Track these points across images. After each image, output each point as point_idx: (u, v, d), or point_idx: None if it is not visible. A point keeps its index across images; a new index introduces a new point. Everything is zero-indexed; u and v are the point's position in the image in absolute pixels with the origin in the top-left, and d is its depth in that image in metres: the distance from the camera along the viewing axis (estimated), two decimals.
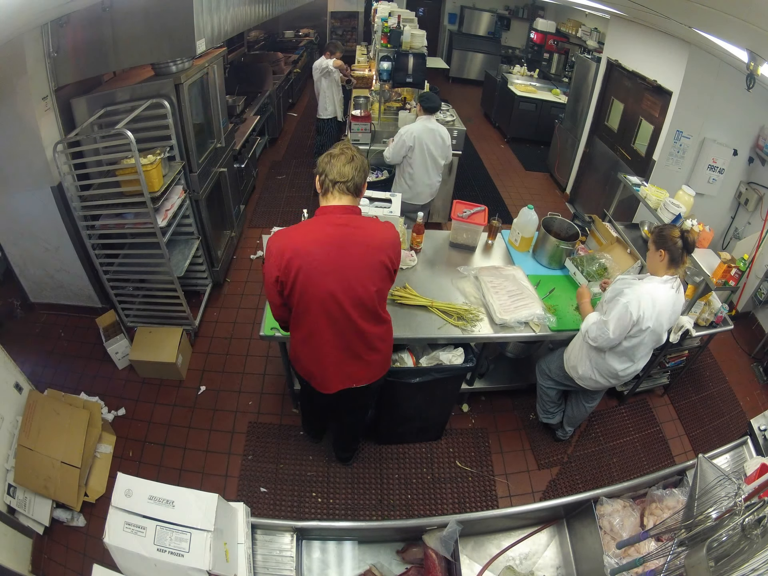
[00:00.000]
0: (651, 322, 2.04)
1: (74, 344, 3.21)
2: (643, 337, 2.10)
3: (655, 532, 1.41)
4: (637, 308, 2.00)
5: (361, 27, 10.13)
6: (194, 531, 1.18)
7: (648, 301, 2.02)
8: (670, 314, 2.09)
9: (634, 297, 2.02)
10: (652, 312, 2.02)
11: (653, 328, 2.07)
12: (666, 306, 2.05)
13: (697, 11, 2.28)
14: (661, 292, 2.03)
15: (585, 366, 2.31)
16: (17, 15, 1.72)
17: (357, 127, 4.12)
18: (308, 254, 1.62)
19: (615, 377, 2.29)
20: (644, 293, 2.03)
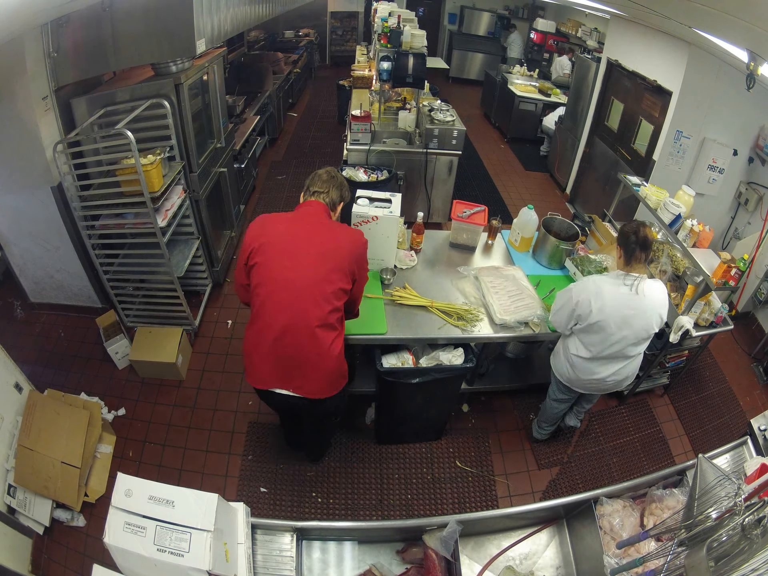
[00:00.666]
0: (592, 312, 2.01)
1: (74, 344, 3.21)
2: (588, 326, 2.07)
3: (655, 532, 1.41)
4: (578, 293, 2.06)
5: (361, 27, 10.14)
6: (194, 531, 1.18)
7: (591, 290, 2.03)
8: (622, 314, 2.00)
9: (579, 284, 2.14)
10: (590, 300, 2.01)
11: (597, 321, 2.02)
12: (613, 302, 1.99)
13: (697, 11, 2.28)
14: (607, 285, 2.03)
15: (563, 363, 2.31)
16: (17, 15, 1.72)
17: (357, 127, 4.12)
18: (275, 233, 1.81)
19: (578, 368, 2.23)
20: (589, 282, 2.09)
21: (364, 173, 3.98)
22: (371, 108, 4.69)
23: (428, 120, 4.24)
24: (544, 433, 2.76)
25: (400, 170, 4.22)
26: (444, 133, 4.15)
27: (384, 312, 2.43)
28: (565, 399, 2.51)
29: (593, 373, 2.20)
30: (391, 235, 2.54)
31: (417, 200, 4.54)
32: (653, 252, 2.89)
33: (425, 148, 4.21)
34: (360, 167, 4.01)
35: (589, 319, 2.04)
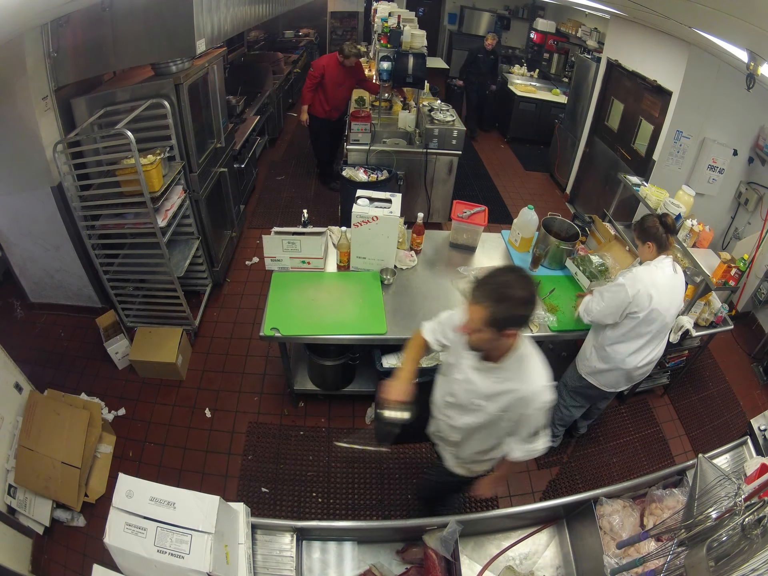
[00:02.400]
0: (651, 303, 2.04)
1: (74, 344, 3.21)
2: (645, 317, 2.08)
3: (655, 532, 1.41)
4: (633, 286, 2.06)
5: (361, 27, 10.12)
6: (195, 533, 1.18)
7: (646, 282, 2.05)
8: (670, 296, 2.09)
9: (630, 277, 2.11)
10: (650, 292, 2.03)
11: (655, 308, 2.06)
12: (665, 286, 2.06)
13: (697, 11, 2.28)
14: (658, 273, 2.08)
15: (594, 356, 2.30)
16: (17, 15, 1.72)
17: (357, 127, 4.12)
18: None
19: (630, 365, 2.22)
20: (642, 274, 2.09)
21: (364, 173, 3.98)
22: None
23: (428, 120, 4.24)
24: (558, 440, 2.74)
25: (400, 170, 4.22)
26: (444, 133, 4.15)
27: (384, 312, 2.43)
28: (583, 404, 2.52)
29: (641, 362, 2.22)
30: (391, 235, 2.55)
31: (417, 200, 4.54)
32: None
33: (425, 148, 4.21)
34: (360, 167, 4.01)
35: (649, 307, 2.05)
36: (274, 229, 2.62)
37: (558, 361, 3.11)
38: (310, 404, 2.95)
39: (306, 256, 2.62)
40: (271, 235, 2.57)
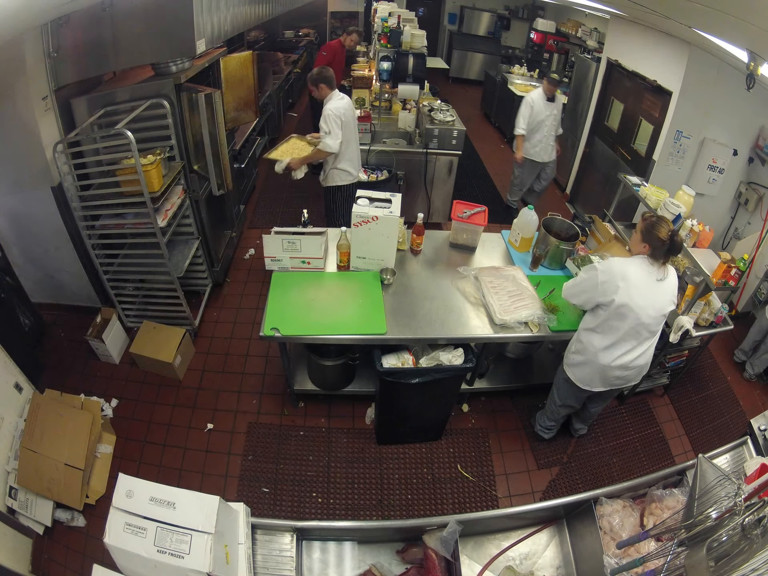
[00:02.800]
0: (618, 294, 2.01)
1: (74, 344, 3.21)
2: (615, 310, 2.04)
3: (655, 532, 1.41)
4: (603, 273, 2.07)
5: (361, 27, 10.12)
6: (195, 533, 1.18)
7: (616, 272, 2.04)
8: (647, 296, 2.02)
9: (605, 264, 2.13)
10: (618, 283, 2.01)
11: (624, 303, 2.01)
12: (641, 285, 2.02)
13: (697, 11, 2.29)
14: (632, 268, 2.04)
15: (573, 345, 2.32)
16: (17, 15, 1.72)
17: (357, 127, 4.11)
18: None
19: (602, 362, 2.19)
20: (615, 263, 2.10)
21: (364, 173, 3.98)
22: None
23: (428, 120, 4.24)
24: (549, 429, 2.75)
25: (400, 170, 4.22)
26: (444, 133, 4.15)
27: (384, 312, 2.43)
28: (572, 405, 2.52)
29: (614, 360, 2.17)
30: (391, 235, 2.55)
31: (417, 200, 4.54)
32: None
33: (425, 148, 4.21)
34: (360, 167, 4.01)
35: (617, 301, 2.03)
36: (274, 229, 2.63)
37: (558, 361, 3.12)
38: (310, 404, 2.95)
39: (306, 256, 2.62)
40: (271, 235, 2.58)
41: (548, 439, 2.81)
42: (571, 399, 2.48)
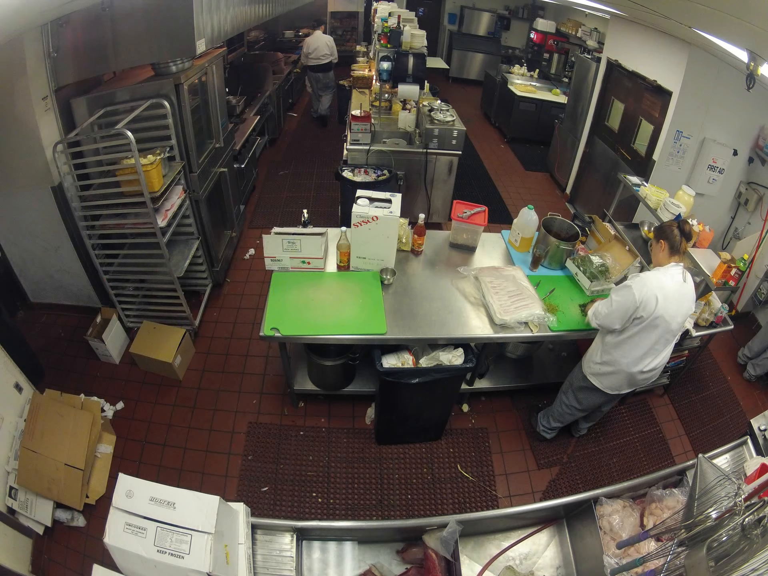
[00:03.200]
0: (657, 307, 2.03)
1: (74, 344, 3.21)
2: (649, 322, 2.07)
3: (655, 532, 1.41)
4: (640, 290, 2.05)
5: (361, 27, 10.13)
6: (195, 533, 1.18)
7: (653, 285, 2.04)
8: (678, 304, 2.07)
9: (638, 280, 2.10)
10: (656, 295, 2.02)
11: (660, 315, 2.05)
12: (672, 292, 2.05)
13: (697, 11, 2.28)
14: (666, 278, 2.06)
15: (598, 356, 2.30)
16: (17, 15, 1.72)
17: (357, 127, 4.12)
18: None
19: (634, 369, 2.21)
20: (650, 277, 2.09)
21: (365, 173, 3.98)
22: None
23: (428, 120, 4.24)
24: (552, 430, 2.76)
25: (400, 170, 4.22)
26: (444, 133, 4.15)
27: (384, 312, 2.43)
28: (584, 408, 2.51)
29: (645, 366, 2.20)
30: (391, 235, 2.54)
31: (417, 200, 4.54)
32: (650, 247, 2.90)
33: (425, 148, 4.21)
34: (360, 167, 4.01)
35: (654, 313, 2.04)
36: (274, 229, 2.63)
37: (558, 361, 3.12)
38: (310, 404, 2.95)
39: (306, 256, 2.62)
40: (271, 235, 2.57)
41: (549, 439, 2.81)
42: (594, 404, 2.48)
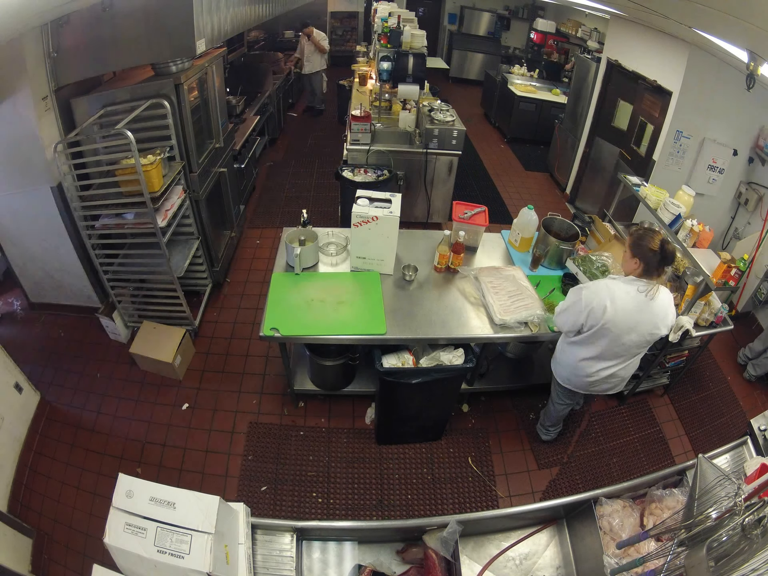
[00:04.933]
0: (604, 316, 1.96)
1: (74, 344, 3.21)
2: (596, 330, 2.02)
3: (655, 532, 1.41)
4: (589, 297, 2.00)
5: (361, 27, 10.13)
6: (195, 533, 1.18)
7: (603, 295, 1.97)
8: (632, 318, 1.97)
9: (591, 287, 2.05)
10: (606, 305, 1.95)
11: (607, 326, 1.98)
12: (627, 307, 1.95)
13: (697, 11, 2.28)
14: (621, 290, 1.96)
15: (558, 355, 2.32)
16: (17, 15, 1.72)
17: (357, 127, 4.12)
18: None
19: (582, 371, 2.20)
20: (602, 286, 2.02)
21: (365, 173, 3.98)
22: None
23: (428, 120, 4.24)
24: (548, 430, 2.76)
25: (400, 170, 4.22)
26: (444, 133, 4.15)
27: (384, 312, 2.43)
28: (569, 402, 2.51)
29: (596, 373, 2.19)
30: (391, 235, 2.54)
31: (417, 200, 4.54)
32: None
33: (425, 148, 4.21)
34: (360, 167, 4.01)
35: (600, 323, 1.99)
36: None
37: None
38: (310, 404, 2.95)
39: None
40: None
41: (546, 440, 2.81)
42: (566, 398, 2.47)
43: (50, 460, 2.54)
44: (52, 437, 2.65)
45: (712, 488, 1.35)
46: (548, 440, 2.81)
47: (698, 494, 1.38)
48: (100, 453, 2.60)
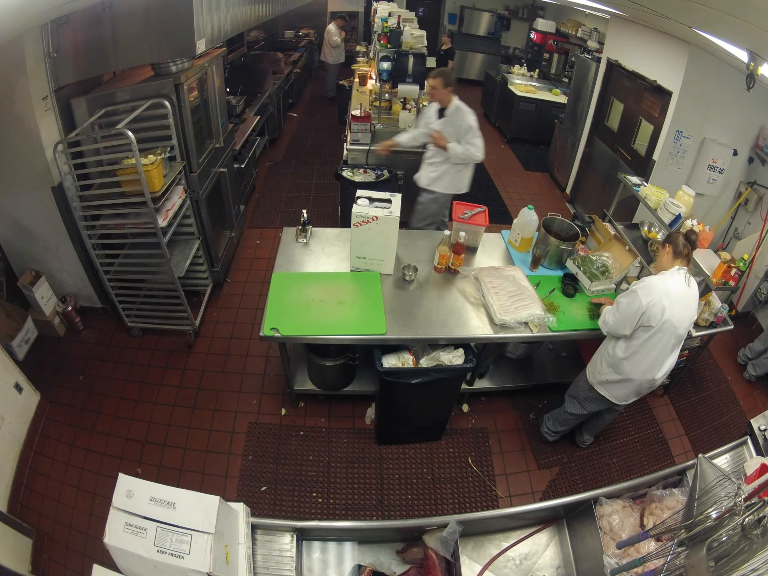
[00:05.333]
0: (664, 312, 2.02)
1: (74, 344, 3.21)
2: (658, 328, 2.06)
3: (655, 532, 1.41)
4: (647, 295, 2.04)
5: (361, 27, 10.14)
6: (195, 533, 1.18)
7: (658, 290, 2.03)
8: (683, 308, 2.06)
9: (643, 285, 2.09)
10: (663, 299, 2.02)
11: (668, 319, 2.04)
12: (678, 296, 2.04)
13: (697, 11, 2.28)
14: (671, 282, 2.05)
15: (605, 369, 2.28)
16: (17, 15, 1.72)
17: (357, 127, 4.12)
18: None
19: (650, 375, 2.20)
20: (655, 282, 2.08)
21: (364, 173, 3.98)
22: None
23: None
24: (555, 433, 2.76)
25: (400, 170, 4.22)
26: None
27: (384, 312, 2.43)
28: (590, 412, 2.51)
29: (655, 373, 2.19)
30: (391, 235, 2.54)
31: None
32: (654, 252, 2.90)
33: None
34: (359, 167, 4.01)
35: (662, 318, 2.03)
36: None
37: (558, 361, 3.12)
38: (310, 404, 2.95)
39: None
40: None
41: (552, 441, 2.81)
42: (598, 408, 2.47)
43: (50, 460, 2.54)
44: (52, 437, 2.65)
45: (712, 488, 1.35)
46: (550, 441, 2.81)
47: (698, 494, 1.38)
48: (100, 453, 2.60)
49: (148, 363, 3.13)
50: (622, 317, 2.12)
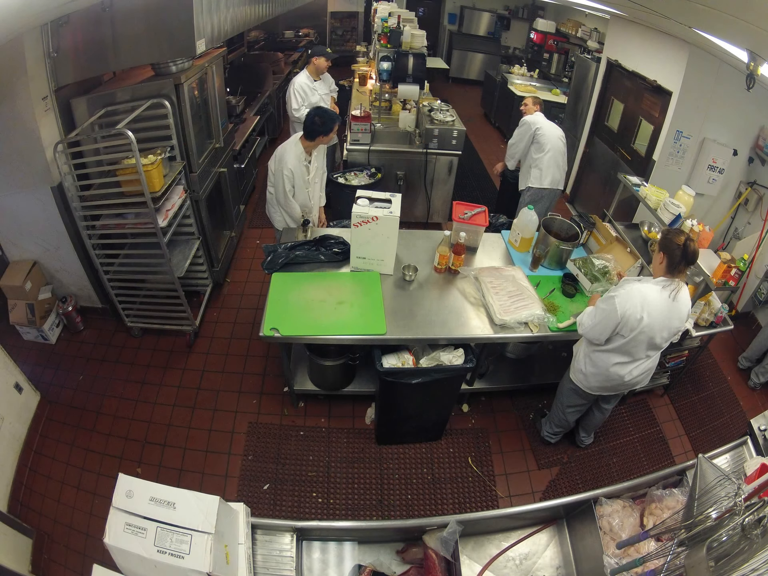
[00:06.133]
0: (640, 323, 2.00)
1: (74, 344, 3.21)
2: (633, 337, 2.06)
3: (655, 532, 1.41)
4: (623, 305, 2.01)
5: (361, 27, 10.13)
6: (195, 533, 1.18)
7: (636, 300, 2.00)
8: (663, 320, 2.02)
9: (623, 293, 2.04)
10: (639, 310, 1.99)
11: (643, 330, 2.02)
12: (657, 309, 2.00)
13: (697, 11, 2.28)
14: (653, 293, 2.00)
15: (582, 363, 2.30)
16: (17, 15, 1.72)
17: (357, 127, 4.12)
18: None
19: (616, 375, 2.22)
20: (634, 291, 2.03)
21: (354, 175, 4.00)
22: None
23: (428, 120, 4.24)
24: (555, 434, 2.75)
25: (400, 170, 4.23)
26: (444, 133, 4.15)
27: (384, 313, 2.43)
28: (580, 405, 2.51)
29: (628, 373, 2.20)
30: (392, 235, 2.54)
31: (417, 200, 4.54)
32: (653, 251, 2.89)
33: (425, 148, 4.21)
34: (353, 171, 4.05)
35: (638, 328, 2.02)
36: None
37: (558, 361, 3.12)
38: (310, 404, 2.95)
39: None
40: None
41: (554, 443, 2.81)
42: (579, 402, 2.48)
43: (50, 460, 2.54)
44: (52, 437, 2.65)
45: (712, 488, 1.35)
46: (551, 442, 2.81)
47: (698, 494, 1.38)
48: (100, 453, 2.60)
49: (148, 363, 3.13)
50: (599, 324, 2.11)
